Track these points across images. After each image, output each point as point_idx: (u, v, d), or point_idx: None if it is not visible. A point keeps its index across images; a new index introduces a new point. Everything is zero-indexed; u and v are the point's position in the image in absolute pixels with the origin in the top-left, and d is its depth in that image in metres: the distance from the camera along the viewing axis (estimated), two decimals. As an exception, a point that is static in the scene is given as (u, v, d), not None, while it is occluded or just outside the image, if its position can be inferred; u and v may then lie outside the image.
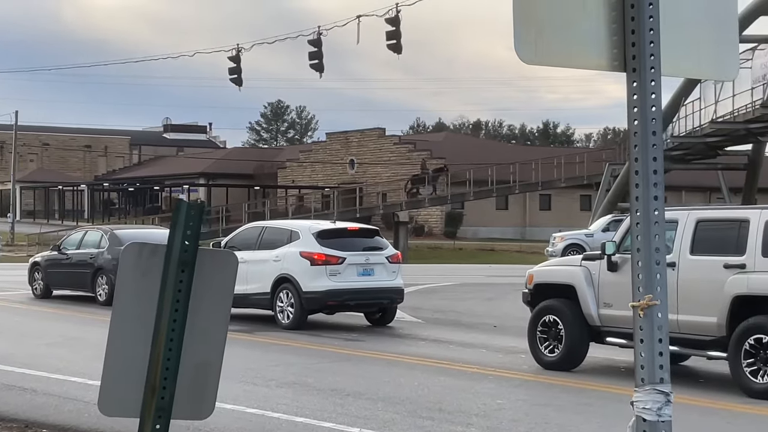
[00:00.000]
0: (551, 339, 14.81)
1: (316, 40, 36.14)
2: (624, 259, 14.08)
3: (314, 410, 11.35)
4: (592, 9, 4.01)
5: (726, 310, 12.91)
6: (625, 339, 14.12)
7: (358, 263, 20.04)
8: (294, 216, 64.74)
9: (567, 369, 14.56)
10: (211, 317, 4.61)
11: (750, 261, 12.88)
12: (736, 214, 13.95)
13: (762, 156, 52.74)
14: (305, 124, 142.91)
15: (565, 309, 14.73)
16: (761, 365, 12.54)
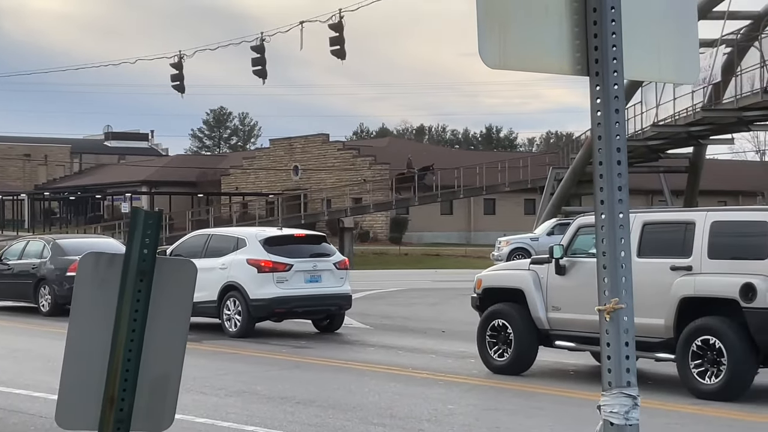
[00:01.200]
0: (500, 343, 14.83)
1: (259, 46, 36.00)
2: (572, 262, 14.23)
3: (264, 418, 11.27)
4: (555, 13, 4.00)
5: (673, 312, 13.00)
6: (573, 342, 14.21)
7: (305, 270, 19.96)
8: (238, 223, 64.43)
9: (516, 373, 14.59)
10: (170, 328, 4.53)
11: (696, 263, 12.99)
12: (682, 216, 14.08)
13: (703, 159, 53.37)
14: (248, 130, 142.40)
15: (514, 313, 14.76)
16: (708, 366, 12.64)
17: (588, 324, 13.53)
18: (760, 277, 12.30)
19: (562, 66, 4.02)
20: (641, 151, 49.44)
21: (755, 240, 12.64)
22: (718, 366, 12.56)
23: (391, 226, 75.92)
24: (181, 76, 37.35)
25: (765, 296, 12.24)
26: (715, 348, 12.57)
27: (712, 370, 12.61)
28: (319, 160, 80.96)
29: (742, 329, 12.43)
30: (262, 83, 36.60)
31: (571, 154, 55.10)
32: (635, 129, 47.00)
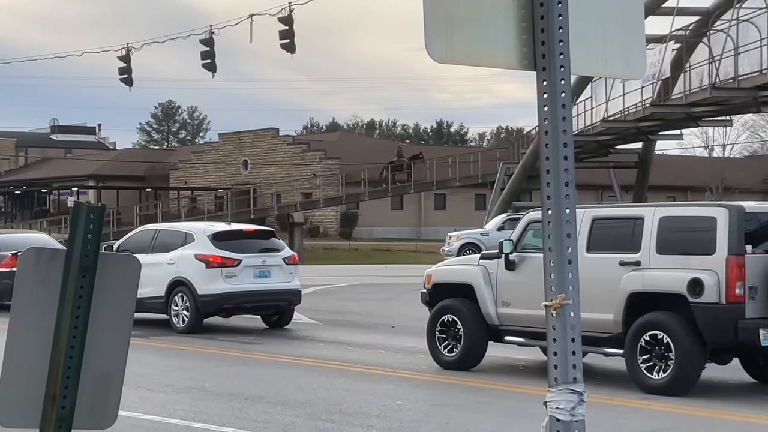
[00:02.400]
0: (450, 339, 14.82)
1: (208, 40, 35.80)
2: (521, 257, 14.28)
3: (212, 415, 11.19)
4: (502, 8, 3.98)
5: (622, 307, 13.06)
6: (523, 337, 14.26)
7: (254, 265, 19.88)
8: (187, 218, 64.04)
9: (466, 368, 14.60)
10: (113, 324, 4.48)
11: (645, 258, 13.06)
12: (630, 211, 14.14)
13: (652, 154, 53.79)
14: (197, 124, 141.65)
15: (464, 308, 14.75)
16: (657, 361, 12.71)
17: (538, 319, 13.56)
18: (707, 272, 12.39)
19: (509, 60, 4.00)
20: (591, 147, 49.75)
21: (703, 235, 12.70)
22: (666, 361, 12.63)
23: (342, 221, 75.87)
24: (129, 69, 37.07)
25: (712, 291, 12.32)
26: (663, 343, 12.64)
27: (660, 365, 12.67)
28: (269, 155, 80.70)
29: (689, 324, 12.52)
30: (212, 77, 36.43)
31: (522, 150, 55.34)
32: (585, 124, 47.26)
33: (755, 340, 12.21)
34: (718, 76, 36.66)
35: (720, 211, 12.69)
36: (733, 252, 12.32)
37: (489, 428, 10.50)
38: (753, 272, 12.33)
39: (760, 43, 34.40)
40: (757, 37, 34.72)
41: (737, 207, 12.72)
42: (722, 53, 36.63)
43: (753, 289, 12.33)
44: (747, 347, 12.63)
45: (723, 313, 12.32)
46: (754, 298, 12.33)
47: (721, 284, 12.29)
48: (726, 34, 36.74)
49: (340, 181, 65.96)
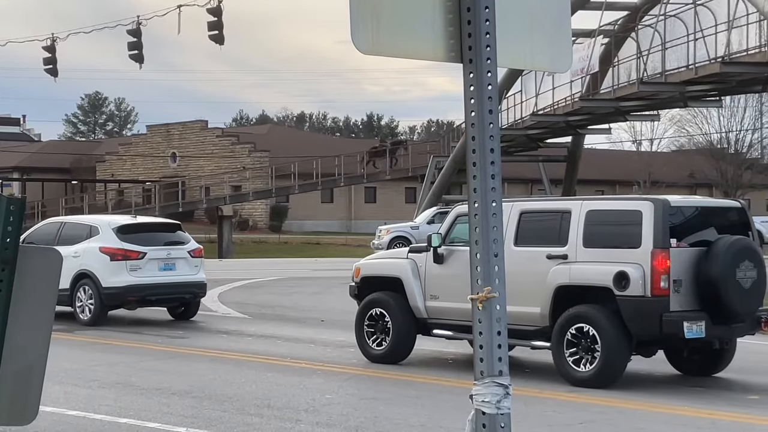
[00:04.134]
0: (378, 332, 14.82)
1: (135, 30, 35.44)
2: (450, 251, 14.29)
3: (138, 410, 11.07)
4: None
5: (549, 300, 13.16)
6: (451, 331, 14.28)
7: (159, 258, 19.93)
8: (114, 211, 63.39)
9: (395, 362, 14.60)
10: (34, 317, 4.39)
11: (572, 251, 13.17)
12: (558, 205, 14.22)
13: (581, 148, 54.27)
14: (124, 116, 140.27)
15: (392, 302, 14.73)
16: (583, 354, 12.80)
17: (466, 313, 13.27)
18: (633, 266, 12.51)
19: (435, 53, 3.98)
20: (521, 140, 50.08)
21: (629, 229, 12.81)
22: (592, 353, 12.73)
23: (271, 215, 75.61)
24: (54, 59, 36.57)
25: (638, 284, 12.45)
26: (589, 336, 12.73)
27: (587, 357, 12.76)
28: (198, 147, 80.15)
29: (615, 317, 12.62)
30: (139, 68, 36.07)
31: (452, 143, 55.55)
32: (515, 118, 47.55)
33: (679, 332, 12.35)
34: (645, 71, 37.10)
35: (646, 205, 12.79)
36: (658, 246, 12.46)
37: (418, 422, 10.50)
38: (678, 266, 12.49)
39: (686, 38, 34.86)
40: (684, 33, 35.19)
41: (663, 201, 12.84)
42: (650, 48, 37.07)
43: (678, 282, 12.49)
44: (671, 340, 12.79)
45: (648, 306, 12.44)
46: (678, 291, 12.49)
47: (646, 277, 12.42)
48: (654, 29, 37.19)
49: (269, 174, 65.71)
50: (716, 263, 12.53)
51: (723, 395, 12.53)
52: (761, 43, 31.21)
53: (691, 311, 12.53)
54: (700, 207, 13.85)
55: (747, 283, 12.60)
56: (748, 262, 12.63)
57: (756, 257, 12.77)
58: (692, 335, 12.38)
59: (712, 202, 14.77)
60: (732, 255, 12.56)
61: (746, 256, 12.66)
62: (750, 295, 12.64)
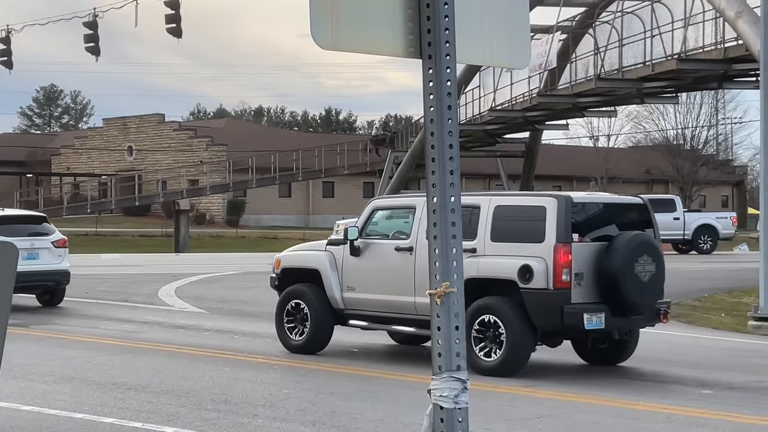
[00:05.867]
0: (297, 323, 15.16)
1: (92, 23, 35.19)
2: (366, 244, 14.70)
3: (94, 405, 10.99)
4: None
5: None
6: (366, 321, 14.79)
7: (23, 248, 20.20)
8: (69, 204, 62.97)
9: (312, 352, 14.99)
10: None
11: (480, 245, 13.62)
12: (468, 200, 14.49)
13: (539, 143, 54.50)
14: (80, 109, 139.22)
15: (311, 293, 15.06)
16: (489, 344, 13.25)
17: (380, 303, 14.40)
18: (537, 259, 13.00)
19: (395, 48, 3.98)
20: (479, 136, 50.23)
21: (534, 224, 13.27)
22: (498, 343, 13.17)
23: (228, 209, 75.36)
24: (9, 51, 36.27)
25: (541, 277, 12.92)
26: (496, 326, 13.18)
27: (492, 347, 13.21)
28: (155, 141, 79.71)
29: (520, 309, 13.10)
30: (95, 60, 35.82)
31: (410, 138, 55.59)
32: (473, 113, 47.67)
33: (579, 323, 12.88)
34: (603, 67, 37.30)
35: (549, 201, 13.27)
36: (561, 240, 12.96)
37: (375, 416, 10.50)
38: (579, 260, 13.01)
39: (643, 35, 35.09)
40: (641, 29, 35.42)
41: (565, 197, 13.31)
42: (607, 45, 37.26)
43: (579, 275, 12.99)
44: (572, 330, 13.27)
45: (550, 299, 12.93)
46: (580, 284, 13.01)
47: (549, 271, 12.92)
48: (611, 25, 37.40)
49: (227, 169, 65.49)
50: (616, 257, 13.01)
51: (678, 390, 12.65)
52: (717, 40, 31.47)
53: (592, 303, 13.03)
54: (603, 203, 14.43)
55: (645, 277, 13.13)
56: (646, 256, 13.14)
57: (655, 252, 13.33)
58: (592, 326, 12.92)
59: (614, 198, 15.24)
60: (631, 250, 13.05)
61: (645, 250, 13.16)
62: (648, 288, 13.18)
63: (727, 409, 11.29)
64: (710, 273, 33.65)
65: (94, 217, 66.17)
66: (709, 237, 45.87)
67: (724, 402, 11.78)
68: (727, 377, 13.60)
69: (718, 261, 40.54)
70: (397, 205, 15.55)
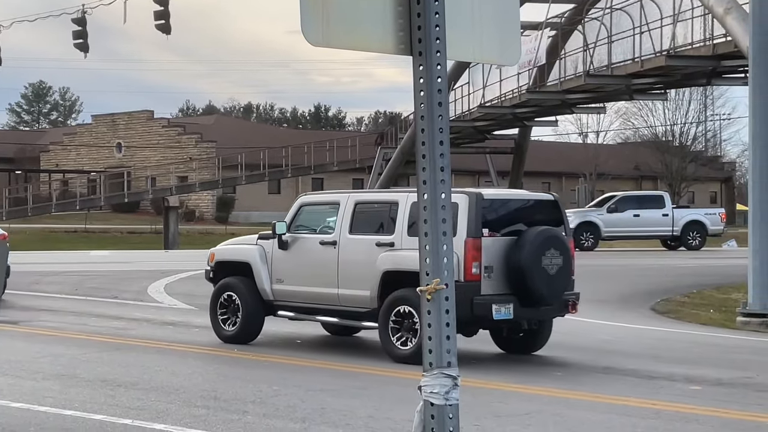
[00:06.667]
0: (230, 314, 15.76)
1: (81, 19, 35.09)
2: (294, 238, 15.39)
3: (84, 402, 10.97)
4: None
5: (377, 285, 14.21)
6: (294, 312, 15.51)
7: None
8: (58, 201, 62.84)
9: (245, 342, 15.53)
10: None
11: (398, 239, 14.26)
12: (387, 197, 15.30)
13: (528, 140, 54.55)
14: (69, 105, 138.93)
15: (242, 285, 15.69)
16: (405, 333, 13.86)
17: (307, 295, 15.11)
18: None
19: (385, 45, 3.98)
20: (468, 132, 50.26)
21: None
22: (413, 333, 13.71)
23: (218, 206, 75.27)
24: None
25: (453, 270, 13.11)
26: (411, 316, 13.72)
27: (408, 336, 13.83)
28: (144, 137, 79.58)
29: None
30: (84, 57, 35.70)
31: (400, 134, 55.60)
32: (463, 110, 47.69)
33: (488, 314, 13.54)
34: (592, 64, 37.35)
35: (461, 198, 13.77)
36: (471, 235, 13.58)
37: (365, 413, 10.51)
38: (489, 253, 13.63)
39: (632, 31, 35.13)
40: (630, 26, 35.47)
41: (476, 194, 13.93)
42: (596, 41, 37.31)
43: (489, 268, 13.62)
44: (482, 320, 13.87)
45: (461, 290, 13.25)
46: (489, 277, 13.63)
47: (460, 264, 13.49)
48: (600, 22, 37.44)
49: (216, 165, 65.41)
50: (524, 251, 13.62)
51: (667, 385, 12.67)
52: (706, 36, 31.53)
53: (501, 295, 13.67)
54: (515, 200, 15.18)
55: (553, 270, 13.74)
56: (554, 250, 13.74)
57: (562, 246, 13.85)
58: (500, 317, 13.62)
59: (525, 195, 15.83)
60: (539, 244, 13.67)
61: (552, 244, 13.76)
62: (556, 281, 13.79)
63: (716, 404, 11.32)
64: (699, 269, 33.73)
65: (83, 213, 66.05)
66: (697, 233, 45.96)
67: (713, 397, 11.81)
68: (715, 373, 13.63)
69: (707, 257, 40.62)
70: (323, 201, 16.12)
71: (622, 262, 37.06)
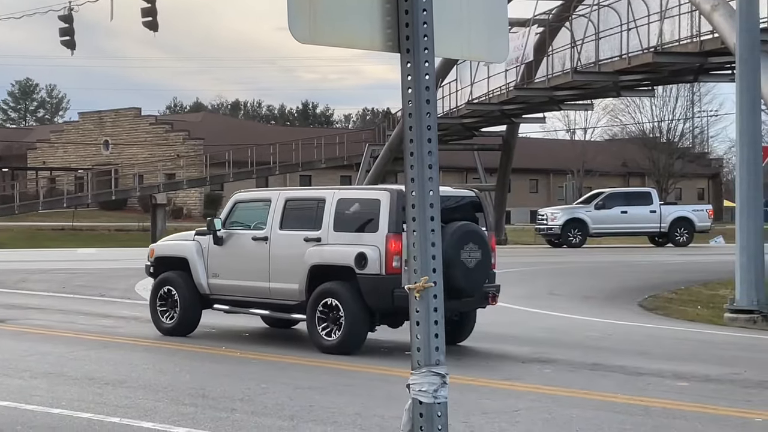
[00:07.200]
0: (168, 307, 16.50)
1: (67, 16, 34.99)
2: (229, 234, 16.08)
3: (71, 401, 10.94)
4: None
5: (305, 278, 14.87)
6: (229, 305, 16.14)
7: None
8: (45, 199, 62.69)
9: (183, 334, 16.28)
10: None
11: (324, 235, 14.91)
12: (315, 193, 15.80)
13: (516, 137, 54.56)
14: (56, 103, 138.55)
15: (180, 280, 16.44)
16: (330, 324, 14.53)
17: (241, 289, 15.82)
18: (371, 248, 14.25)
19: (373, 42, 3.96)
20: (456, 129, 50.25)
21: (369, 215, 14.52)
22: (338, 324, 14.45)
23: (205, 203, 75.14)
24: (-14, 45, 35.96)
25: (375, 264, 14.18)
26: (336, 308, 14.45)
27: (333, 327, 14.51)
28: (131, 135, 79.39)
29: (357, 292, 14.37)
30: (71, 54, 35.62)
31: (388, 131, 55.57)
32: (450, 106, 47.68)
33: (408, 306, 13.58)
34: (579, 61, 37.37)
35: (383, 194, 14.53)
36: (392, 230, 14.24)
37: (353, 410, 10.49)
38: None
39: (620, 28, 35.15)
40: (617, 23, 35.49)
41: (397, 191, 14.49)
42: (584, 38, 37.33)
43: None
44: (402, 312, 14.22)
45: (382, 283, 14.20)
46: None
47: (381, 258, 14.19)
48: (587, 18, 37.45)
49: (204, 162, 65.29)
50: (443, 245, 13.31)
51: (655, 382, 12.69)
52: (693, 33, 31.57)
53: None
54: None
55: (472, 263, 14.33)
56: (472, 244, 14.32)
57: (480, 240, 14.39)
58: None
59: (447, 191, 16.33)
60: (457, 238, 14.23)
61: (470, 239, 14.34)
62: (475, 273, 14.33)
63: (703, 401, 11.34)
64: (686, 265, 33.78)
65: (70, 211, 65.87)
66: (685, 229, 46.07)
67: (701, 394, 11.83)
68: (703, 369, 13.65)
69: (695, 253, 40.70)
70: (256, 199, 16.66)
71: (610, 259, 37.11)
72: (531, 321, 19.35)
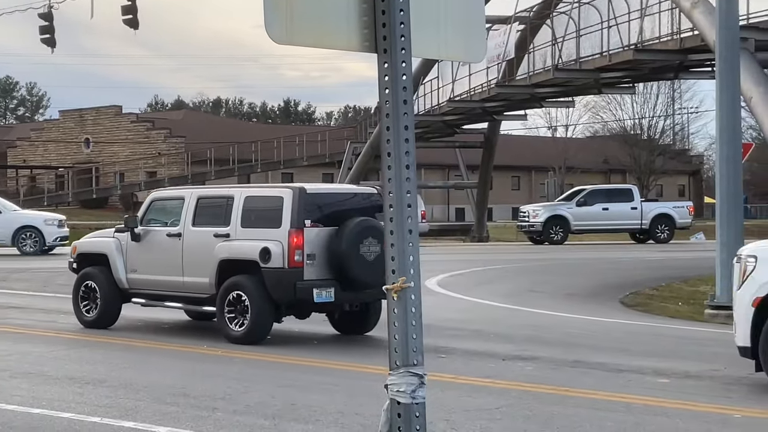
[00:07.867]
0: (90, 301, 17.23)
1: (47, 14, 34.86)
2: (146, 231, 16.82)
3: (51, 400, 10.91)
4: (343, -12, 3.93)
5: (215, 272, 15.58)
6: (146, 299, 16.86)
7: None
8: (26, 197, 62.46)
9: (103, 327, 16.98)
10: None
11: (233, 231, 15.62)
12: (225, 192, 16.56)
13: (497, 134, 54.61)
14: (36, 101, 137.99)
15: (100, 275, 17.16)
16: (238, 315, 15.22)
17: (157, 283, 16.54)
18: (275, 243, 14.95)
19: (350, 42, 3.96)
20: (438, 126, 50.29)
21: (273, 212, 15.17)
22: (244, 316, 15.13)
23: (188, 200, 74.85)
24: (-35, 43, 35.80)
25: (278, 258, 14.85)
26: (242, 301, 15.12)
27: (240, 319, 15.19)
28: (112, 133, 79.13)
29: (262, 285, 15.05)
30: (51, 52, 35.48)
31: (369, 129, 55.56)
32: (432, 104, 47.70)
33: (310, 297, 14.88)
34: (561, 58, 37.45)
35: (286, 192, 15.28)
36: (294, 226, 14.92)
37: (335, 409, 10.49)
38: (311, 242, 14.95)
39: (601, 26, 35.24)
40: (598, 20, 35.56)
41: (300, 188, 15.27)
42: (565, 35, 37.40)
43: (311, 256, 14.93)
44: (305, 304, 15.21)
45: (285, 276, 14.88)
46: (312, 264, 14.94)
47: (284, 252, 14.86)
48: (568, 16, 37.53)
49: (185, 160, 65.16)
50: (342, 240, 14.91)
51: (635, 378, 12.73)
52: (673, 31, 31.66)
53: (323, 280, 14.99)
54: (339, 193, 17.00)
55: (371, 257, 14.91)
56: (371, 238, 14.91)
57: (380, 235, 14.41)
58: (321, 299, 14.97)
59: (347, 188, 17.34)
60: (357, 233, 14.89)
61: (370, 233, 14.94)
62: (374, 267, 14.56)
63: (684, 397, 11.38)
64: (667, 262, 33.89)
65: (51, 209, 65.60)
66: (666, 226, 46.21)
67: (681, 390, 11.87)
68: (683, 366, 13.70)
69: (675, 250, 40.83)
70: (170, 197, 17.31)
71: (591, 256, 37.20)
72: (512, 318, 19.37)
